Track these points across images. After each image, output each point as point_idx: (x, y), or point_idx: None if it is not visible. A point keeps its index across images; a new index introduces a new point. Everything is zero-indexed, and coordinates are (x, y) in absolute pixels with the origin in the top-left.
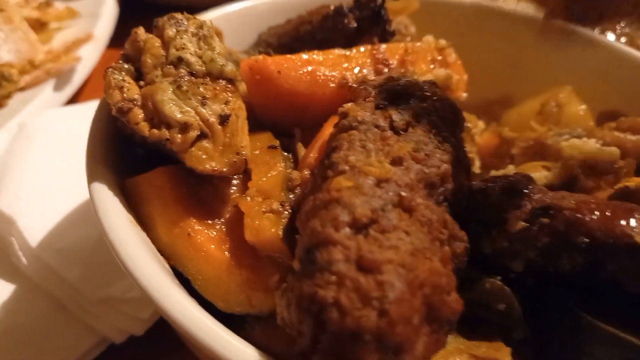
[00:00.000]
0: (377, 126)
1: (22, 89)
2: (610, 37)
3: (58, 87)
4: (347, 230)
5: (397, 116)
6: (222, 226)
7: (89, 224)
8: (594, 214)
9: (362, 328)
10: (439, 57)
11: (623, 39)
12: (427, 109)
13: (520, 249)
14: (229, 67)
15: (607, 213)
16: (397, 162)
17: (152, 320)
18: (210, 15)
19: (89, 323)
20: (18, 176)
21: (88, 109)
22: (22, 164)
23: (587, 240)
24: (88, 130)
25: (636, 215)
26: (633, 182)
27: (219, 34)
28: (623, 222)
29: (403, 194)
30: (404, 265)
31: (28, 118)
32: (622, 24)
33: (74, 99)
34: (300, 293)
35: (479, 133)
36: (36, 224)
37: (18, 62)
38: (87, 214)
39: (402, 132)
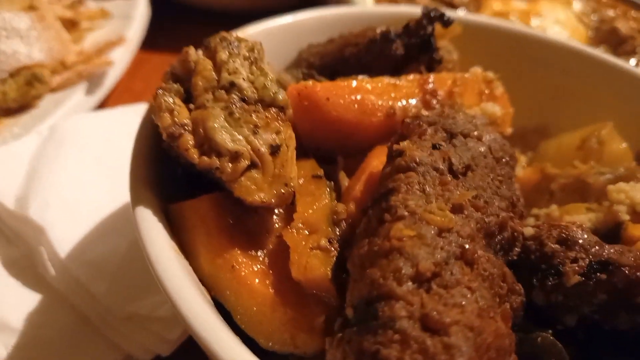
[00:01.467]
0: (435, 169)
1: (52, 90)
2: None
3: (89, 91)
4: (410, 284)
5: (455, 159)
6: (266, 258)
7: (118, 235)
8: None
9: None
10: (487, 90)
11: None
12: (484, 150)
13: (576, 304)
14: (282, 95)
15: None
16: (457, 209)
17: (180, 341)
18: (251, 31)
19: (114, 340)
20: (48, 182)
21: (119, 115)
22: (52, 169)
23: None
24: (121, 137)
25: None
26: None
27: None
28: None
29: (466, 246)
30: (471, 328)
31: (59, 121)
32: None
33: (103, 101)
34: (360, 348)
35: (521, 168)
36: (65, 233)
37: (49, 62)
38: (116, 224)
39: (460, 176)
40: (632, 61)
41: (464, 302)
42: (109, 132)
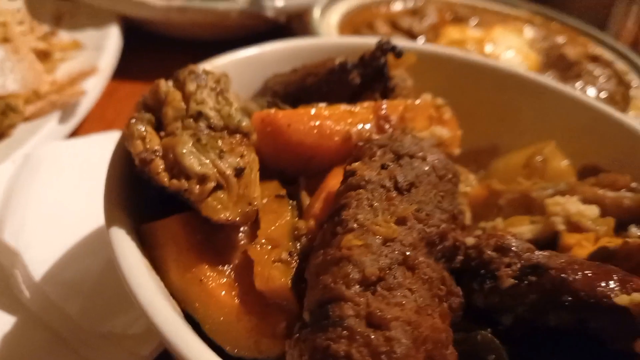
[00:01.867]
0: (382, 186)
1: (26, 119)
2: (592, 92)
3: (62, 119)
4: (357, 287)
5: (401, 177)
6: (232, 272)
7: (92, 256)
8: (578, 275)
9: None
10: (436, 115)
11: (603, 94)
12: (428, 169)
13: (510, 304)
14: (245, 123)
15: (589, 274)
16: (401, 221)
17: (152, 356)
18: (219, 62)
19: (89, 358)
20: (23, 207)
21: (92, 142)
22: (27, 195)
23: (570, 299)
24: (94, 163)
25: (615, 278)
26: (612, 242)
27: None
28: (603, 284)
29: (407, 253)
30: (409, 323)
31: (33, 149)
32: (602, 80)
33: (75, 130)
34: (313, 345)
35: (470, 186)
36: (40, 256)
37: (23, 92)
38: (90, 246)
39: (405, 192)
40: (579, 84)
41: (404, 302)
42: (82, 159)
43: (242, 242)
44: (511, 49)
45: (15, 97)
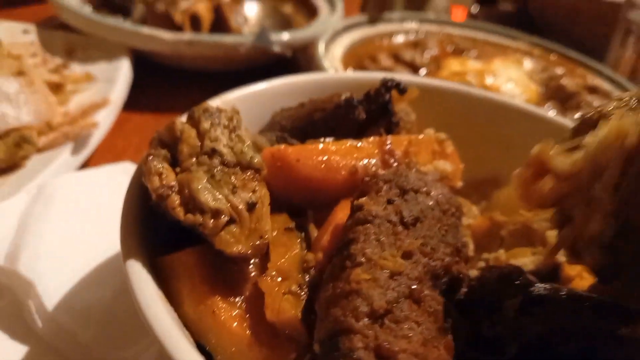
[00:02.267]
0: (389, 221)
1: (39, 150)
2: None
3: (75, 151)
4: (366, 320)
5: (406, 212)
6: (243, 304)
7: (104, 286)
8: (578, 309)
9: None
10: (439, 149)
11: None
12: (432, 204)
13: (514, 335)
14: (257, 159)
15: (591, 309)
16: (407, 256)
17: None
18: (229, 97)
19: None
20: (37, 237)
21: (105, 173)
22: (41, 225)
23: (574, 331)
24: (106, 194)
25: (616, 312)
26: None
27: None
28: (605, 316)
29: (413, 286)
30: (416, 355)
31: (46, 180)
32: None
33: (86, 160)
34: None
35: (472, 217)
36: (53, 286)
37: (37, 124)
38: (102, 275)
39: (410, 227)
40: (578, 115)
41: (411, 334)
42: (94, 190)
43: (253, 274)
44: (511, 80)
45: (29, 128)
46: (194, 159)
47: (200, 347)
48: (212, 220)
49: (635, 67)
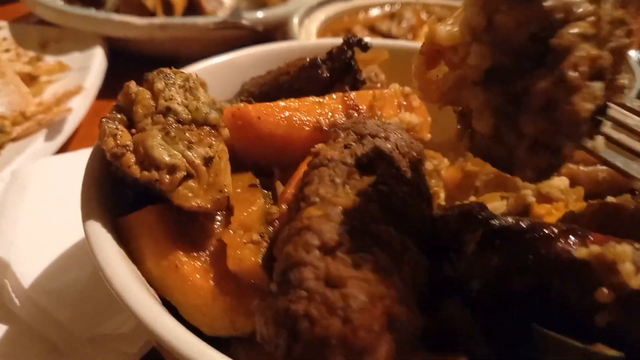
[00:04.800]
0: (344, 163)
1: (14, 139)
2: None
3: (49, 137)
4: (317, 252)
5: (362, 154)
6: (207, 258)
7: (80, 266)
8: (538, 234)
9: (329, 334)
10: (405, 102)
11: None
12: (390, 147)
13: (477, 270)
14: (212, 115)
15: (550, 233)
16: (361, 193)
17: (140, 354)
18: (194, 68)
19: None
20: (12, 223)
21: (79, 157)
22: (16, 210)
23: (532, 258)
24: (81, 176)
25: (575, 234)
26: (578, 206)
27: (203, 85)
28: (563, 241)
29: (367, 220)
30: (366, 280)
31: (20, 167)
32: None
33: (64, 148)
34: (275, 309)
35: (444, 169)
36: (30, 267)
37: (10, 114)
38: (78, 256)
39: (366, 168)
40: None
41: (361, 263)
42: (68, 174)
43: (217, 230)
44: None
45: (3, 118)
46: (149, 119)
47: (167, 304)
48: (168, 176)
49: None
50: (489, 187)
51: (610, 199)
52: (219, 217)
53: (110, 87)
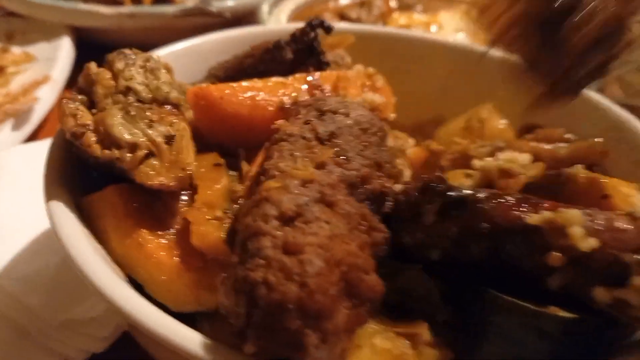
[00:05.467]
0: (304, 137)
1: None
2: None
3: (16, 127)
4: (275, 222)
5: (321, 128)
6: (172, 236)
7: (49, 253)
8: (493, 203)
9: (286, 299)
10: (369, 83)
11: None
12: (350, 122)
13: (435, 240)
14: (173, 94)
15: (505, 202)
16: (320, 166)
17: (112, 338)
18: (160, 52)
19: (51, 347)
20: None
21: (46, 146)
22: None
23: (488, 226)
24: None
25: (528, 202)
26: (534, 178)
27: (168, 69)
28: (516, 208)
29: (325, 191)
30: (322, 246)
31: None
32: None
33: (32, 139)
34: (235, 278)
35: (409, 148)
36: None
37: None
38: (47, 243)
39: (326, 142)
40: None
41: (319, 231)
42: (36, 162)
43: (182, 209)
44: (458, 30)
45: None
46: (110, 99)
47: (132, 282)
48: (129, 155)
49: None
50: (454, 165)
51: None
52: (184, 197)
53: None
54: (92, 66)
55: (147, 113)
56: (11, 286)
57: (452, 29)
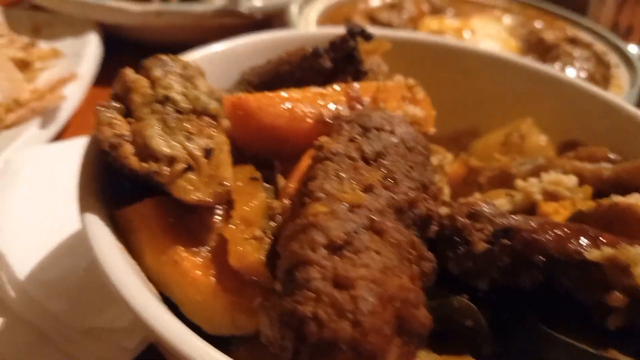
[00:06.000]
0: (349, 157)
1: (7, 126)
2: (571, 72)
3: (43, 125)
4: (323, 251)
5: (367, 147)
6: (208, 253)
7: (74, 257)
8: (549, 234)
9: (338, 338)
10: (409, 95)
11: (583, 74)
12: (396, 141)
13: (484, 269)
14: (213, 105)
15: (560, 233)
16: (368, 189)
17: (138, 350)
18: (193, 56)
19: (74, 354)
20: (5, 211)
21: (73, 146)
22: (9, 199)
23: (543, 258)
24: (75, 165)
25: (587, 235)
26: (587, 205)
27: (201, 73)
28: (574, 241)
29: (374, 218)
30: (375, 281)
31: (14, 155)
32: (581, 61)
33: (59, 137)
34: (281, 310)
35: (448, 164)
36: (23, 257)
37: (3, 101)
38: (72, 247)
39: (372, 162)
40: (558, 65)
41: (370, 263)
42: (63, 163)
43: (218, 224)
44: (490, 36)
45: None
46: (147, 108)
47: (166, 301)
48: (167, 168)
49: (615, 20)
50: (492, 183)
51: (617, 198)
52: (219, 211)
53: (105, 75)
54: (129, 72)
55: (186, 124)
56: (35, 290)
57: (484, 35)
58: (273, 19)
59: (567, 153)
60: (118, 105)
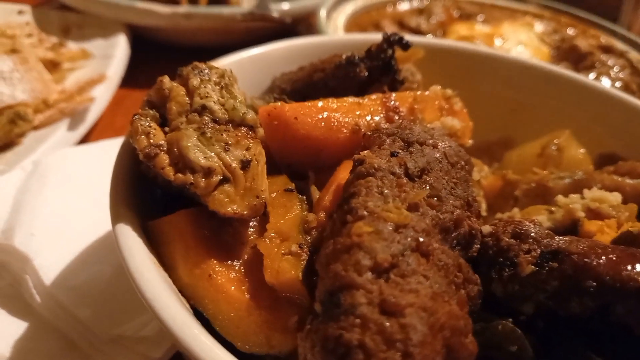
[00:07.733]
0: (392, 173)
1: (36, 127)
2: (606, 82)
3: (71, 127)
4: (369, 274)
5: (411, 163)
6: (241, 267)
7: (102, 262)
8: (602, 259)
9: None
10: (446, 106)
11: (618, 84)
12: (439, 156)
13: (531, 292)
14: (250, 115)
15: (613, 258)
16: (413, 208)
17: (165, 359)
18: (225, 61)
19: None
20: (32, 214)
21: (101, 149)
22: (37, 201)
23: (595, 284)
24: (103, 169)
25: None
26: (636, 226)
27: (236, 81)
28: (629, 267)
29: (420, 239)
30: (425, 309)
31: (42, 156)
32: (615, 70)
33: (85, 137)
34: (325, 335)
35: (484, 177)
36: (50, 261)
37: (32, 102)
38: (100, 251)
39: (416, 179)
40: (592, 75)
41: (418, 288)
42: (91, 165)
43: (252, 237)
44: (521, 43)
45: (25, 106)
46: (184, 117)
47: (198, 315)
48: (203, 179)
49: None
50: (529, 196)
51: None
52: (253, 223)
53: (132, 76)
54: (166, 81)
55: (223, 135)
56: (63, 296)
57: (515, 41)
58: (299, 23)
59: (606, 167)
60: (153, 113)
